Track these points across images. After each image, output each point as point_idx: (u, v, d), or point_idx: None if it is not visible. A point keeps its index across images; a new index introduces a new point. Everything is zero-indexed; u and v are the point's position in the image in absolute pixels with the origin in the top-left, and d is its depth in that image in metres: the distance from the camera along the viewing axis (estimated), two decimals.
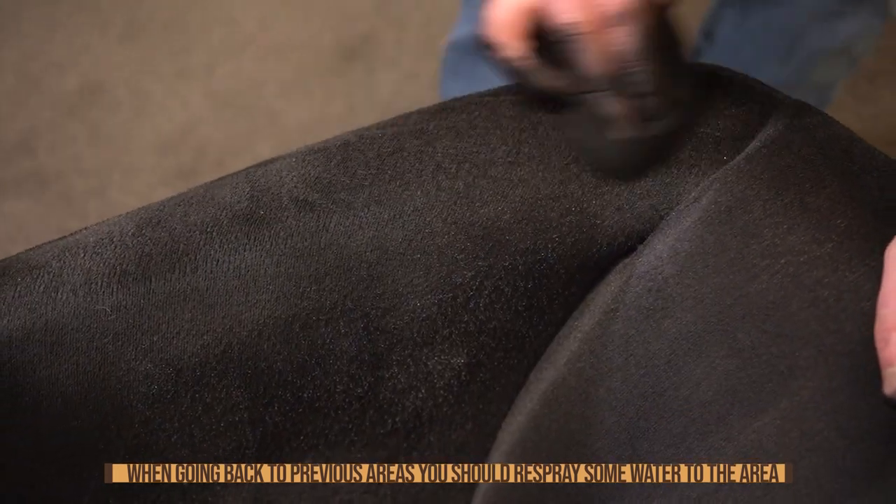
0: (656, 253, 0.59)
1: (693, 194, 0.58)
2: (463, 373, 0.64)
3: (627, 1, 0.58)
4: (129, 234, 0.59)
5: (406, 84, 1.83)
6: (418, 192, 0.60)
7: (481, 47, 0.63)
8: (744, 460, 0.55)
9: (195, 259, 0.58)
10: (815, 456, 0.53)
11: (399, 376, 0.63)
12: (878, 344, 0.48)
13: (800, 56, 1.31)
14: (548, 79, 0.61)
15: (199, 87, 1.81)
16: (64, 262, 0.58)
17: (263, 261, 0.59)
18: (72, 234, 0.60)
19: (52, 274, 0.58)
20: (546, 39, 0.61)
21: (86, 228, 0.60)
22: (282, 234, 0.59)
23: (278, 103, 1.78)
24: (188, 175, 1.68)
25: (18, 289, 0.57)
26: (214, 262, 0.58)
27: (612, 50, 0.58)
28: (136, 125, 1.75)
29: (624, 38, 0.58)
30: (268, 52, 1.87)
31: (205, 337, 0.58)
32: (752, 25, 1.34)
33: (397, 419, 0.65)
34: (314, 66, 1.84)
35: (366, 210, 0.59)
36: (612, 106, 0.59)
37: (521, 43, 0.61)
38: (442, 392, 0.64)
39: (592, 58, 0.59)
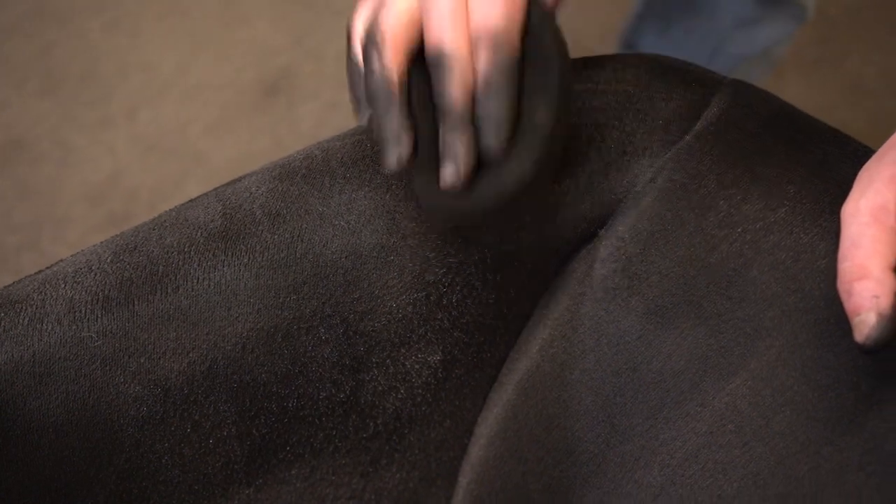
0: (618, 234, 0.61)
1: (648, 176, 0.61)
2: (439, 370, 0.66)
3: (503, 18, 0.56)
4: (108, 261, 0.60)
5: (327, 114, 1.84)
6: (387, 196, 0.62)
7: (353, 53, 0.61)
8: (720, 422, 0.57)
9: (175, 279, 0.59)
10: (788, 409, 0.55)
11: (379, 378, 0.64)
12: (843, 296, 0.51)
13: (721, 62, 1.35)
14: (399, 112, 0.57)
15: (123, 134, 1.81)
16: (45, 294, 0.59)
17: (242, 275, 0.60)
18: (48, 267, 0.61)
19: (34, 306, 0.58)
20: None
21: (62, 261, 0.61)
22: (258, 247, 0.60)
23: (204, 143, 1.79)
24: (120, 222, 1.67)
25: (2, 324, 0.58)
26: (195, 281, 0.60)
27: (472, 79, 0.56)
28: (64, 177, 1.75)
29: (489, 65, 0.56)
30: (188, 93, 1.87)
31: (191, 354, 0.60)
32: (674, 34, 1.38)
33: (379, 421, 0.66)
34: (236, 103, 1.85)
35: (338, 218, 0.61)
36: (456, 147, 0.56)
37: (399, 57, 0.58)
38: (420, 391, 0.66)
39: (453, 87, 0.56)
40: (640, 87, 0.63)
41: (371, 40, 0.57)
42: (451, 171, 0.56)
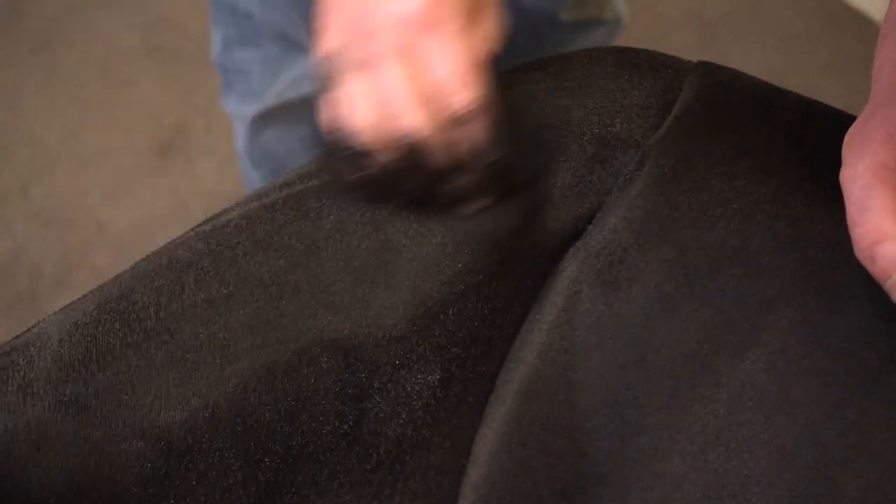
0: (609, 227, 0.61)
1: (633, 165, 0.61)
2: (438, 390, 0.64)
3: (471, 100, 0.58)
4: (93, 313, 0.57)
5: (227, 168, 1.82)
6: (377, 212, 0.60)
7: (331, 148, 0.61)
8: (738, 400, 0.57)
9: (168, 324, 0.57)
10: (807, 378, 0.55)
11: (381, 405, 0.63)
12: (865, 263, 0.50)
13: None
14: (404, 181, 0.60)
15: (19, 210, 1.75)
16: (31, 357, 0.56)
17: (237, 312, 0.58)
18: (28, 329, 0.58)
19: (21, 372, 0.55)
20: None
21: (42, 321, 0.58)
22: (250, 281, 0.58)
23: (104, 212, 1.74)
24: (28, 300, 1.62)
25: None
26: (189, 323, 0.57)
27: (461, 149, 0.59)
28: None
29: (473, 135, 0.59)
30: (80, 162, 1.83)
31: (191, 402, 0.57)
32: None
33: (381, 451, 0.64)
34: (132, 167, 1.81)
35: (330, 240, 0.59)
36: (468, 191, 0.60)
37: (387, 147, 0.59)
38: (420, 414, 0.64)
39: (441, 158, 0.59)
40: (611, 77, 0.63)
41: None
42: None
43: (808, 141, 0.59)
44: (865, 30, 2.05)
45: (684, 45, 1.56)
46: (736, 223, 0.58)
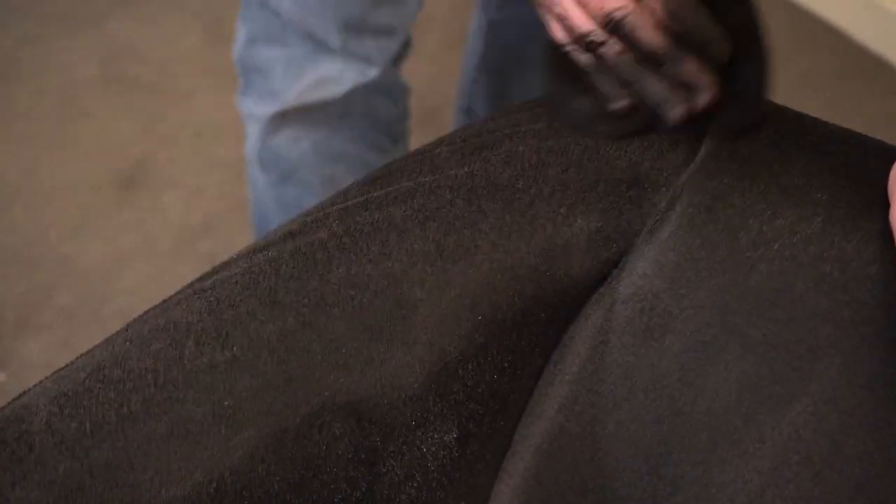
0: (639, 272, 0.57)
1: (663, 205, 0.57)
2: (454, 449, 0.60)
3: None
4: (85, 383, 0.52)
5: (194, 200, 1.76)
6: (388, 263, 0.56)
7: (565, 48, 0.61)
8: (784, 455, 0.53)
9: (168, 393, 0.52)
10: (860, 431, 0.52)
11: (395, 469, 0.58)
12: None
13: None
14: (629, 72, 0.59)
15: None
16: (18, 433, 0.51)
17: (242, 376, 0.53)
18: (11, 401, 0.53)
19: (8, 449, 0.50)
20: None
21: (28, 391, 0.53)
22: (256, 343, 0.54)
23: (68, 248, 1.69)
24: None
25: None
26: (191, 391, 0.52)
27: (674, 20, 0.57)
28: None
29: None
30: (41, 198, 1.77)
31: (195, 475, 0.52)
32: (516, 93, 1.36)
33: None
34: (94, 201, 1.76)
35: (339, 295, 0.55)
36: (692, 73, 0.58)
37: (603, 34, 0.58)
38: (435, 475, 0.60)
39: (647, 33, 0.57)
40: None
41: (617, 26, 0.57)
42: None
43: (852, 175, 0.55)
44: (839, 43, 2.04)
45: None
46: (778, 265, 0.54)
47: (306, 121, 1.15)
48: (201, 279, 0.57)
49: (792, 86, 1.90)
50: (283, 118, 1.14)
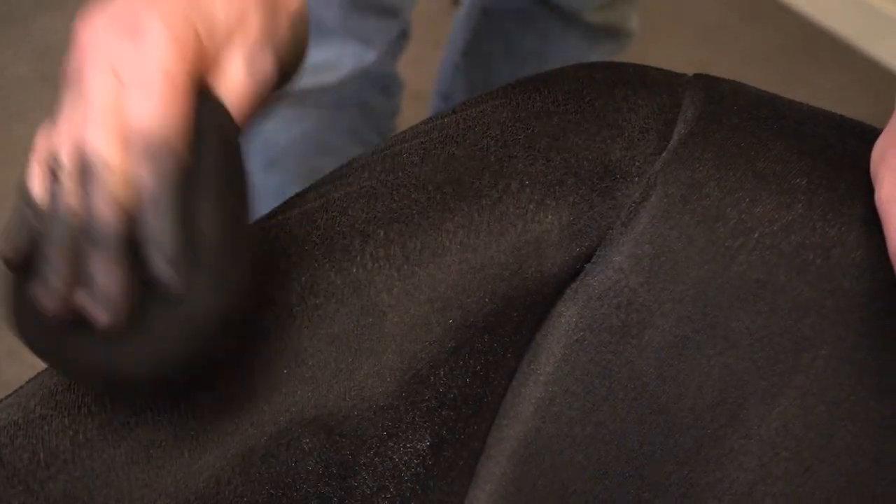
0: (614, 266, 0.54)
1: (636, 196, 0.55)
2: (427, 457, 0.57)
3: (160, 116, 0.45)
4: (36, 410, 0.49)
5: None
6: (353, 269, 0.53)
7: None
8: (772, 451, 0.51)
9: (125, 417, 0.49)
10: (850, 422, 0.50)
11: (367, 482, 0.56)
12: None
13: None
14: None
15: None
16: None
17: (203, 396, 0.50)
18: None
19: None
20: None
21: None
22: (215, 360, 0.51)
23: None
24: None
25: None
26: (149, 413, 0.49)
27: (127, 192, 0.45)
28: None
29: (146, 176, 0.44)
30: None
31: (159, 502, 0.49)
32: (497, 80, 1.34)
33: None
34: None
35: (304, 304, 0.52)
36: (104, 279, 0.43)
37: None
38: (409, 484, 0.58)
39: (99, 201, 0.44)
40: (603, 97, 0.57)
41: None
42: (99, 312, 0.43)
43: (832, 158, 0.54)
44: (784, 19, 2.03)
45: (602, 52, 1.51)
46: (758, 255, 0.52)
47: (300, 107, 1.11)
48: None
49: (737, 61, 1.89)
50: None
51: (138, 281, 0.43)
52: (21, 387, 0.51)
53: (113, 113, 0.44)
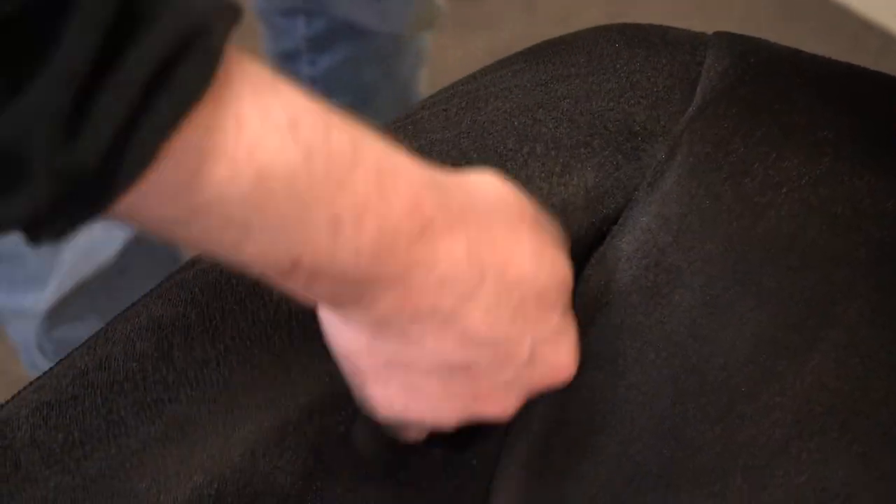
0: (641, 227, 0.54)
1: (661, 155, 0.54)
2: None
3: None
4: (68, 391, 0.49)
5: None
6: None
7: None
8: (807, 406, 0.51)
9: (161, 393, 0.49)
10: (885, 374, 0.50)
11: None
12: None
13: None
14: None
15: None
16: (4, 451, 0.48)
17: (236, 370, 0.50)
18: None
19: None
20: None
21: (7, 403, 0.50)
22: (247, 333, 0.51)
23: None
24: None
25: None
26: (183, 389, 0.49)
27: None
28: None
29: None
30: None
31: (195, 477, 0.49)
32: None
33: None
34: None
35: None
36: None
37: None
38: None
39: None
40: (624, 59, 0.57)
41: None
42: None
43: (857, 109, 0.54)
44: None
45: (593, 20, 1.49)
46: (787, 209, 0.52)
47: (90, 297, 1.04)
48: (180, 271, 0.53)
49: (733, 30, 1.88)
50: (62, 306, 1.03)
51: None
52: (51, 368, 0.51)
53: None
